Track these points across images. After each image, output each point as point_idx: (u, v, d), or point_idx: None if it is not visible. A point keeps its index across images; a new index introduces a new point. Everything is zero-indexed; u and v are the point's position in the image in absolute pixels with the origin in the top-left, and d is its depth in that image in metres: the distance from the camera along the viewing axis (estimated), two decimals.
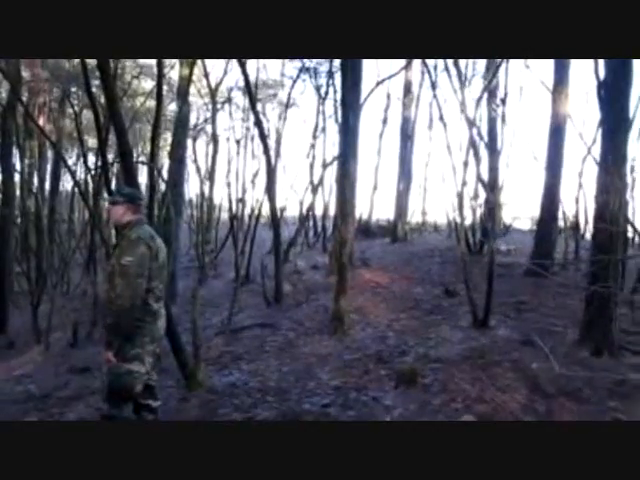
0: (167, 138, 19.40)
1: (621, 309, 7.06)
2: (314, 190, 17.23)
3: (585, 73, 9.85)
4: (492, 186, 10.15)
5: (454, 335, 6.32)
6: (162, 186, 11.49)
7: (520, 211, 30.04)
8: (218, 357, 6.63)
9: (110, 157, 13.57)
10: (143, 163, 16.27)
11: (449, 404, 4.36)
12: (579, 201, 12.69)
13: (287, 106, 19.56)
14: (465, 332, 6.41)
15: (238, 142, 22.88)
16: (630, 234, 11.42)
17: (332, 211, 16.34)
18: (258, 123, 10.05)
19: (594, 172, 6.03)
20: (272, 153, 19.68)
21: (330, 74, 16.64)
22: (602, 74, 5.86)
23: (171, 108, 19.06)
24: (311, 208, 17.96)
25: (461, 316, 7.18)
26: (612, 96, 5.60)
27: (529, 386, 4.74)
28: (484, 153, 13.08)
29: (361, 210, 23.11)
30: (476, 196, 15.35)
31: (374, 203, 24.37)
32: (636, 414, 4.09)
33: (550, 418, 4.17)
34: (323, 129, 19.36)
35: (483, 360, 5.33)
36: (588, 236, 12.25)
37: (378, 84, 14.41)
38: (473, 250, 12.75)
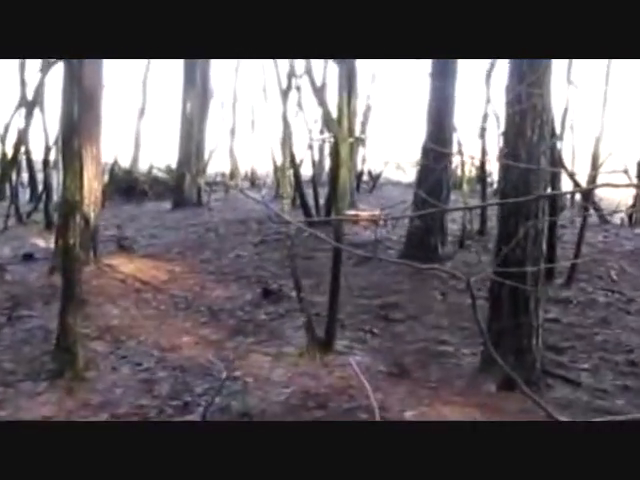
0: None
1: (549, 312, 7.55)
2: (28, 113, 16.23)
3: None
4: (341, 110, 10.30)
5: (276, 371, 6.36)
6: None
7: (397, 154, 30.55)
8: None
9: None
10: None
11: None
12: (486, 130, 12.93)
13: None
14: (295, 365, 6.48)
15: None
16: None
17: None
18: None
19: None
20: None
21: None
22: None
23: None
24: (22, 144, 16.77)
25: (290, 335, 7.31)
26: None
27: None
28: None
29: (117, 153, 22.60)
30: (322, 130, 15.73)
31: (141, 142, 23.92)
32: None
33: None
34: None
35: (324, 412, 5.38)
36: None
37: None
38: (315, 217, 13.04)
